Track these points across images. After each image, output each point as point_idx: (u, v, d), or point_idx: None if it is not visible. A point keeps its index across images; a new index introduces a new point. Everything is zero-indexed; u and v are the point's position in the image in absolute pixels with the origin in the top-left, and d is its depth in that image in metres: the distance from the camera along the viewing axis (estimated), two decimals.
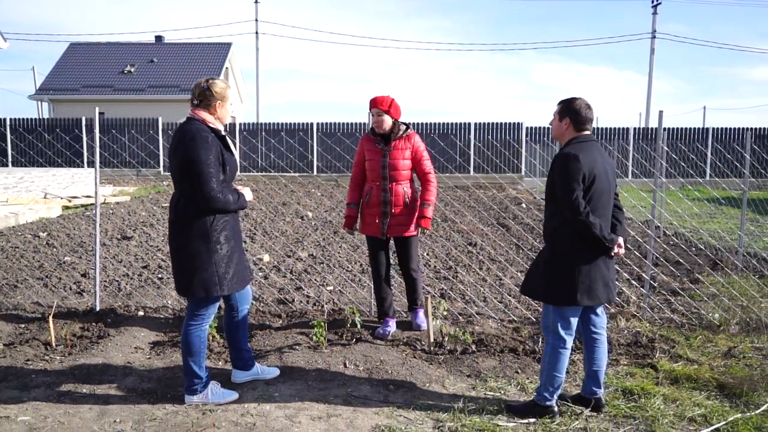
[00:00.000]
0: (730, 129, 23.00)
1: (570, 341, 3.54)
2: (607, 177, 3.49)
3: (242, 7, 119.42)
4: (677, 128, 22.95)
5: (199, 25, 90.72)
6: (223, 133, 3.61)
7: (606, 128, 23.17)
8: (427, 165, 4.95)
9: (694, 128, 22.99)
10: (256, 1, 35.15)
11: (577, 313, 3.56)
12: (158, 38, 35.14)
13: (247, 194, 3.72)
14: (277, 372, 4.13)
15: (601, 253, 3.48)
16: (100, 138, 23.41)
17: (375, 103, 4.81)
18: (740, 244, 7.77)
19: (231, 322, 3.93)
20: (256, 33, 34.91)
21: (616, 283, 6.69)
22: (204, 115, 3.57)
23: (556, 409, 3.61)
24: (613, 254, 3.50)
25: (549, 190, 3.56)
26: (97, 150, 5.43)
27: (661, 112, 5.30)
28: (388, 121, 4.83)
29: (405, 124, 4.94)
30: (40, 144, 23.29)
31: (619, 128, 23.19)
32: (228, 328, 3.96)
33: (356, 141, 21.60)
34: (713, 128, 23.11)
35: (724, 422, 3.54)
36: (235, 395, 3.79)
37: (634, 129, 23.14)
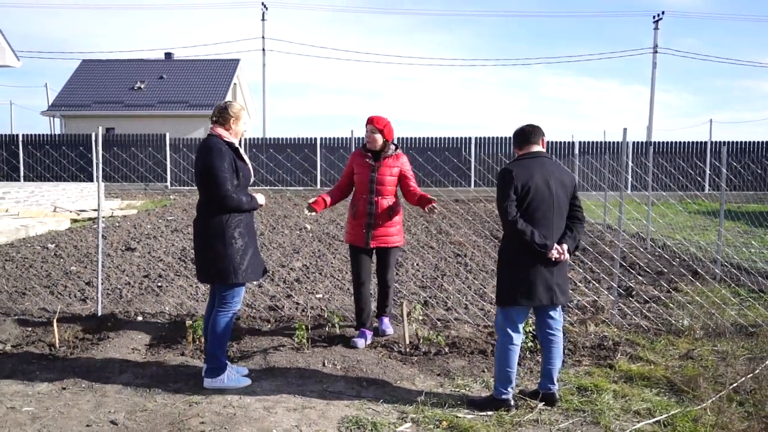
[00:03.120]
0: (716, 143, 23.23)
1: (517, 338, 3.88)
2: (549, 189, 3.84)
3: (250, 25, 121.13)
4: (667, 142, 23.25)
5: (208, 42, 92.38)
6: (237, 145, 4.19)
7: (606, 142, 23.51)
8: (413, 182, 5.44)
9: (686, 142, 23.26)
10: (263, 19, 35.96)
11: (522, 313, 3.90)
12: (168, 55, 35.88)
13: (260, 198, 4.33)
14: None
15: (539, 258, 3.82)
16: (110, 153, 24.03)
17: (372, 121, 5.25)
18: (716, 255, 8.06)
19: (212, 314, 4.30)
20: (263, 50, 35.64)
21: (588, 290, 7.00)
22: (220, 130, 4.16)
23: (512, 402, 3.94)
24: (554, 259, 3.83)
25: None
26: (100, 165, 5.85)
27: (625, 129, 5.67)
28: (379, 140, 5.25)
29: (394, 144, 5.37)
30: (52, 157, 23.92)
31: (616, 142, 23.51)
32: (208, 318, 4.36)
33: None
34: (711, 142, 23.38)
35: (665, 415, 3.85)
36: (248, 381, 4.27)
37: (633, 143, 23.45)
